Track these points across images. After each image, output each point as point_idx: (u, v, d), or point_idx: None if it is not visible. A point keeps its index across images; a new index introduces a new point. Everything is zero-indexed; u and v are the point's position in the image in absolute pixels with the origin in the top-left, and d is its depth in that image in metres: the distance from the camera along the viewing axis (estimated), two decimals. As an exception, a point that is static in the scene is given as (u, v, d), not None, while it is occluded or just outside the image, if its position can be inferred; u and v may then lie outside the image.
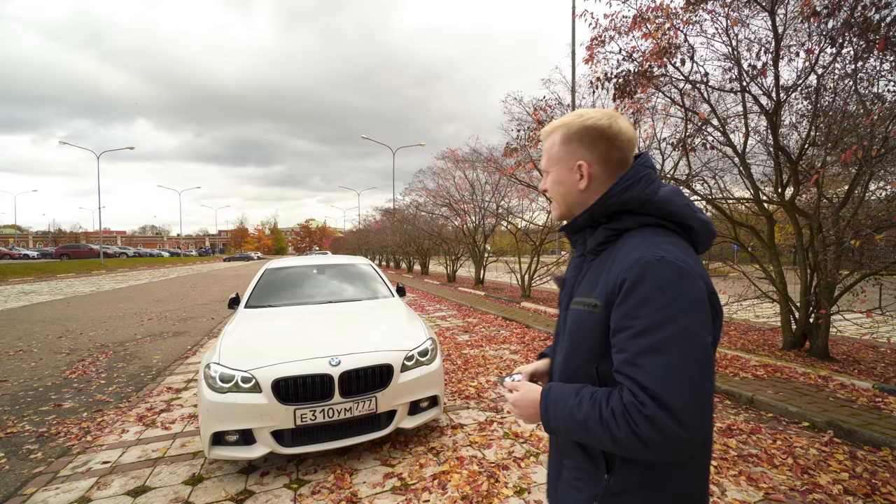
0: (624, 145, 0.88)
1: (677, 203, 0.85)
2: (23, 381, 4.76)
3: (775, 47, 3.98)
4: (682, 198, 0.87)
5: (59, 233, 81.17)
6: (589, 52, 5.05)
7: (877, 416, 3.23)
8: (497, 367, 5.04)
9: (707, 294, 0.78)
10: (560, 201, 0.95)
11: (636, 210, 0.86)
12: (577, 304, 0.90)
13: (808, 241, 4.90)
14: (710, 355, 0.75)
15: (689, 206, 0.87)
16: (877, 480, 2.47)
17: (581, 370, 0.88)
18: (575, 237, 0.97)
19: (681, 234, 0.86)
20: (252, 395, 2.60)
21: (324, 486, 2.57)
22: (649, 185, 0.85)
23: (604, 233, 0.89)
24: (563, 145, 0.91)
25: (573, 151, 0.90)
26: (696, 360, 0.72)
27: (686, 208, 0.86)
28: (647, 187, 0.85)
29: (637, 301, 0.76)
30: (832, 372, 4.25)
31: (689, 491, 0.84)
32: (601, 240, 0.89)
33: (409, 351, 3.06)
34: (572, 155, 0.90)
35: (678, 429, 0.69)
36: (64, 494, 2.53)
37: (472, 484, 2.54)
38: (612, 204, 0.87)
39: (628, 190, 0.85)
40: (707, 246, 0.90)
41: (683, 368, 0.72)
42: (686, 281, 0.76)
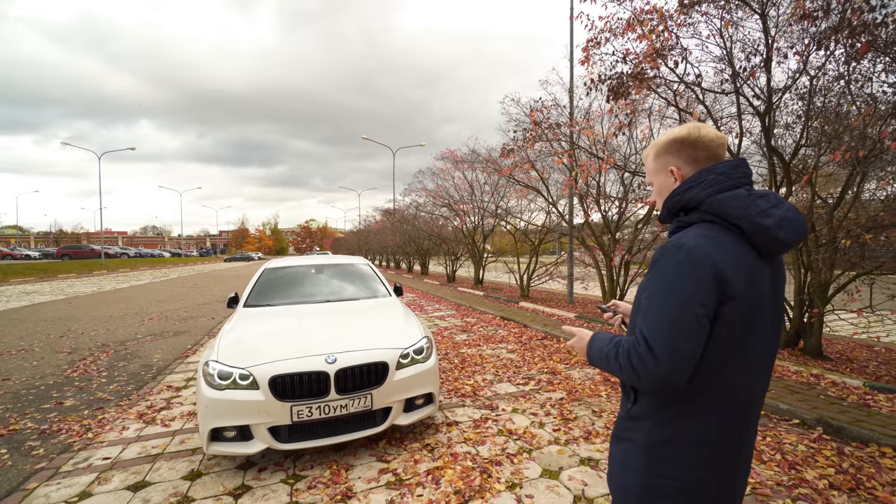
0: (709, 145, 1.07)
1: (730, 206, 0.99)
2: (25, 379, 4.82)
3: (766, 49, 4.03)
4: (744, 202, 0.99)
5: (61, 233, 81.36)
6: (585, 54, 5.09)
7: (866, 414, 3.28)
8: (494, 366, 5.09)
9: (714, 276, 0.95)
10: (661, 205, 1.15)
11: (697, 208, 1.04)
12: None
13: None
14: (699, 322, 0.94)
15: (746, 210, 0.99)
16: (862, 475, 2.51)
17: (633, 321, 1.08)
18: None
19: (734, 231, 1.00)
20: (249, 391, 2.66)
21: (320, 481, 2.62)
22: (707, 189, 1.02)
23: (675, 224, 1.11)
24: (656, 159, 1.15)
25: (665, 161, 1.13)
26: (683, 322, 0.94)
27: (739, 211, 0.99)
28: (703, 190, 1.02)
29: (654, 273, 1.01)
30: (824, 370, 4.29)
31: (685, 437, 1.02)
32: (672, 229, 1.11)
33: (404, 349, 3.12)
34: (665, 164, 1.13)
35: (656, 366, 0.94)
36: (65, 489, 2.59)
37: (465, 479, 2.59)
38: (676, 201, 1.08)
39: (688, 191, 1.05)
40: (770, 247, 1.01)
41: (671, 326, 0.94)
42: (691, 264, 0.95)
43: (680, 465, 1.02)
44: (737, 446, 1.04)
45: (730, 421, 1.01)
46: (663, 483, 1.04)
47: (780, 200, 1.02)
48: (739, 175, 1.03)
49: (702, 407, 1.01)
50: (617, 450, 1.17)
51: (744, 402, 1.02)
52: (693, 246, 0.96)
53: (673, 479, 1.03)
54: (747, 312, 0.97)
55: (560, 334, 6.50)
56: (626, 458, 1.12)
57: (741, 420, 1.03)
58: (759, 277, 1.00)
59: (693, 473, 1.02)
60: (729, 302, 0.95)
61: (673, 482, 1.03)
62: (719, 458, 1.02)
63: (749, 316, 0.98)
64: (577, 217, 9.35)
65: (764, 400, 1.11)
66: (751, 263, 0.99)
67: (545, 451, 2.95)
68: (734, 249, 0.98)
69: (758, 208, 0.98)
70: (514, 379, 4.59)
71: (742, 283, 0.96)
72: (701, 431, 1.01)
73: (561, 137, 6.22)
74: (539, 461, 2.82)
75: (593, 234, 8.28)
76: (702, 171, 1.05)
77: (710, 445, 1.01)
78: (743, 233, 0.99)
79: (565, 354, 5.49)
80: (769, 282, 1.03)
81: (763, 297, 1.01)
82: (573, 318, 7.81)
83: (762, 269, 1.01)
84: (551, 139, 6.18)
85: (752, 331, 1.00)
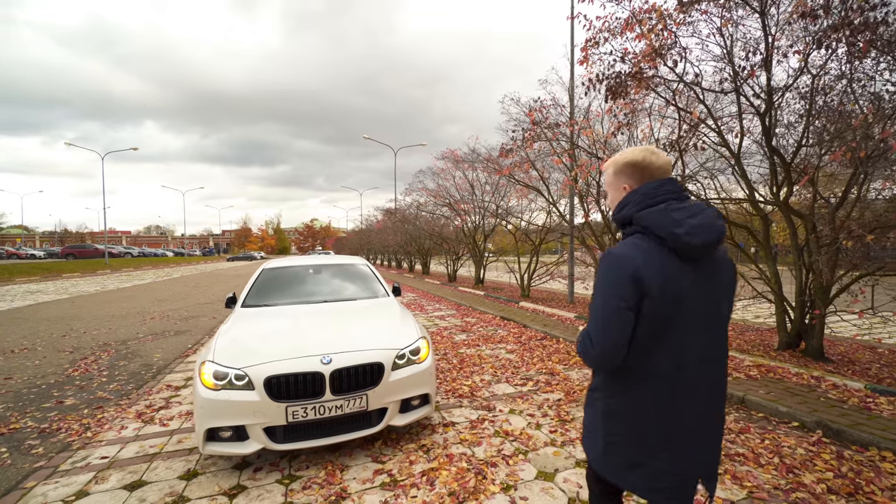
0: (655, 171, 1.28)
1: (650, 220, 1.21)
2: (27, 378, 4.86)
3: (766, 48, 3.99)
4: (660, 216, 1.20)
5: (66, 233, 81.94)
6: (584, 54, 5.07)
7: (866, 417, 3.25)
8: (492, 366, 5.08)
9: (633, 278, 1.17)
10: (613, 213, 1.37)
11: (631, 223, 1.28)
12: None
13: (803, 242, 4.90)
14: (620, 314, 1.18)
15: (662, 221, 1.20)
16: (861, 480, 2.49)
17: None
18: None
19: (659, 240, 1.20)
20: (245, 392, 2.66)
21: (315, 481, 2.63)
22: (633, 207, 1.26)
23: (624, 236, 1.31)
24: (614, 175, 1.35)
25: (620, 179, 1.33)
26: (609, 315, 1.20)
27: (657, 223, 1.20)
28: (631, 208, 1.26)
29: (598, 272, 1.26)
30: (825, 372, 4.26)
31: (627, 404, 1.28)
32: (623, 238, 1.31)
33: (400, 349, 3.11)
34: (620, 182, 1.33)
35: (593, 350, 1.23)
36: (63, 488, 2.60)
37: (460, 480, 2.58)
38: (616, 219, 1.33)
39: (623, 209, 1.29)
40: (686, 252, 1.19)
41: (602, 318, 1.21)
42: (615, 266, 1.20)
43: (626, 425, 1.28)
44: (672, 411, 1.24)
45: (660, 392, 1.23)
46: (616, 440, 1.30)
47: (697, 211, 1.21)
48: (663, 193, 1.23)
49: (636, 382, 1.25)
50: (586, 416, 1.44)
51: (672, 380, 1.22)
52: (618, 254, 1.21)
53: (622, 435, 1.29)
54: (665, 308, 1.18)
55: (560, 334, 6.48)
56: (592, 423, 1.39)
57: (672, 392, 1.23)
58: (678, 278, 1.18)
59: (637, 431, 1.27)
60: (646, 299, 1.17)
61: (623, 438, 1.29)
62: (657, 419, 1.24)
63: (668, 311, 1.18)
64: (578, 217, 9.33)
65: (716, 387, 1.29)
66: (670, 266, 1.18)
67: (541, 453, 2.94)
68: (657, 255, 1.18)
69: (672, 220, 1.18)
70: (512, 379, 4.58)
71: (657, 283, 1.16)
72: (638, 400, 1.26)
73: (560, 137, 6.20)
74: (535, 463, 2.81)
75: (593, 234, 8.25)
76: (630, 193, 1.28)
77: (646, 410, 1.25)
78: (664, 241, 1.19)
79: (564, 355, 5.48)
80: (692, 281, 1.20)
81: (684, 295, 1.19)
82: (573, 319, 7.79)
83: (684, 271, 1.19)
84: (550, 139, 6.16)
85: (673, 324, 1.19)
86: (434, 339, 6.62)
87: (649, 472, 1.26)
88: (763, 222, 5.25)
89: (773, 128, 4.59)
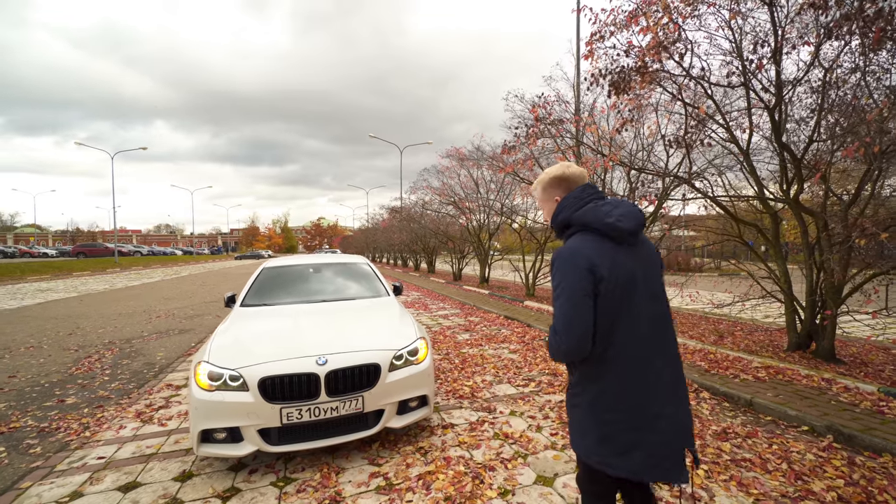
0: (575, 180, 1.53)
1: (585, 217, 1.43)
2: (30, 376, 4.89)
3: (775, 40, 3.86)
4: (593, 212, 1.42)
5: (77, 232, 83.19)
6: (589, 48, 4.97)
7: (879, 421, 3.13)
8: (494, 366, 5.02)
9: (587, 267, 1.34)
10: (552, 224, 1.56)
11: (570, 224, 1.48)
12: None
13: (814, 240, 4.77)
14: (584, 303, 1.33)
15: (595, 215, 1.42)
16: (873, 488, 2.39)
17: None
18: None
19: (595, 232, 1.41)
20: (239, 393, 2.63)
21: (309, 484, 2.59)
22: (567, 210, 1.48)
23: (564, 237, 1.52)
24: (543, 191, 1.58)
25: (550, 193, 1.57)
26: (571, 304, 1.33)
27: (592, 218, 1.42)
28: (566, 212, 1.48)
29: (552, 274, 1.41)
30: (836, 374, 4.13)
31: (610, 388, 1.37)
32: (564, 241, 1.51)
33: (397, 350, 3.06)
34: (551, 195, 1.57)
35: (560, 343, 1.35)
36: (58, 489, 2.59)
37: (457, 485, 2.53)
38: (557, 223, 1.53)
39: (559, 215, 1.51)
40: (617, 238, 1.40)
41: (563, 309, 1.35)
42: (569, 260, 1.37)
43: (616, 409, 1.37)
44: (647, 382, 1.37)
45: (634, 368, 1.36)
46: (610, 425, 1.37)
47: (618, 203, 1.43)
48: (588, 195, 1.47)
49: (609, 365, 1.37)
50: (572, 417, 1.49)
51: (638, 352, 1.36)
52: (571, 249, 1.39)
53: (614, 419, 1.37)
54: (618, 288, 1.35)
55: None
56: (580, 420, 1.45)
57: (642, 365, 1.37)
58: (620, 258, 1.38)
59: (625, 410, 1.36)
60: (602, 282, 1.34)
61: (616, 421, 1.36)
62: (639, 394, 1.36)
63: (619, 286, 1.35)
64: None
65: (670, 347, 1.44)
66: (611, 250, 1.38)
67: (541, 457, 2.88)
68: (599, 245, 1.38)
69: (603, 213, 1.40)
70: (514, 380, 4.52)
71: (607, 266, 1.34)
72: (616, 381, 1.36)
73: (564, 134, 6.10)
74: (534, 467, 2.75)
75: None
76: (563, 200, 1.50)
77: (627, 389, 1.36)
78: (600, 232, 1.40)
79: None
80: (631, 258, 1.40)
81: (627, 270, 1.37)
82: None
83: (621, 252, 1.39)
84: (554, 136, 6.06)
85: (626, 296, 1.36)
86: (437, 339, 6.57)
87: (647, 448, 1.35)
88: (773, 220, 5.12)
89: (784, 123, 4.45)
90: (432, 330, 7.34)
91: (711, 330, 6.71)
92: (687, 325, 7.16)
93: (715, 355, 4.95)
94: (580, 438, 1.45)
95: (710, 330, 6.72)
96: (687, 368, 4.52)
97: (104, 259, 34.67)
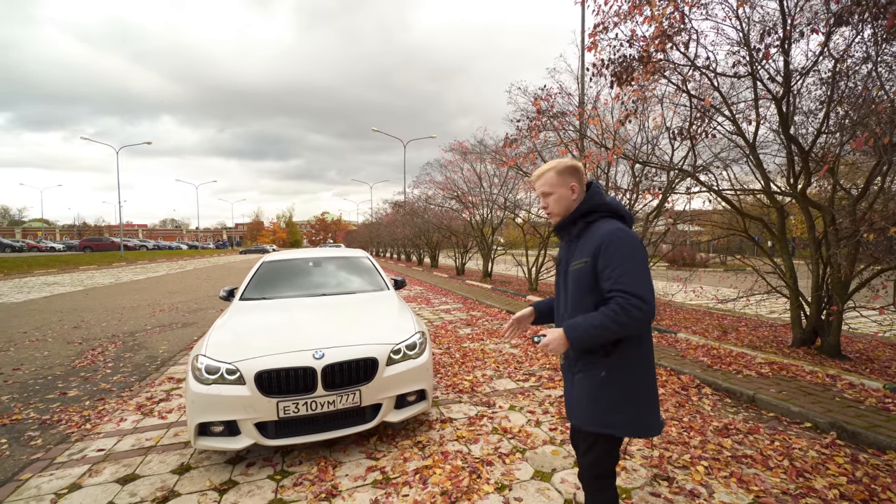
0: (584, 176, 1.68)
1: (614, 205, 1.62)
2: (34, 369, 4.94)
3: (783, 28, 3.76)
4: (616, 201, 1.65)
5: (84, 226, 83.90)
6: (592, 40, 4.88)
7: (884, 418, 3.08)
8: (495, 361, 5.00)
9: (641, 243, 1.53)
10: (561, 211, 1.64)
11: (597, 209, 1.60)
12: (574, 266, 1.58)
13: (821, 235, 4.68)
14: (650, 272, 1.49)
15: (620, 204, 1.65)
16: (876, 486, 2.35)
17: (583, 301, 1.55)
18: (564, 231, 1.68)
19: (622, 220, 1.61)
20: (236, 387, 2.63)
21: (306, 478, 2.59)
22: (601, 196, 1.62)
23: (582, 224, 1.61)
24: (559, 175, 1.62)
25: (566, 179, 1.62)
26: (646, 274, 1.46)
27: (619, 206, 1.64)
28: (601, 197, 1.62)
29: (613, 251, 1.46)
30: (841, 371, 4.07)
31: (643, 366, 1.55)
32: (582, 228, 1.61)
33: (395, 344, 3.05)
34: (567, 181, 1.62)
35: (646, 307, 1.40)
36: (57, 481, 2.61)
37: (454, 479, 2.51)
38: (588, 207, 1.61)
39: (594, 199, 1.61)
40: (631, 224, 1.65)
41: (643, 278, 1.44)
42: (634, 238, 1.51)
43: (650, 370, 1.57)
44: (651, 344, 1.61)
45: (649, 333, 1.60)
46: (650, 389, 1.56)
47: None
48: (603, 188, 1.68)
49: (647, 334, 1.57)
50: (607, 396, 1.53)
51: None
52: (623, 229, 1.53)
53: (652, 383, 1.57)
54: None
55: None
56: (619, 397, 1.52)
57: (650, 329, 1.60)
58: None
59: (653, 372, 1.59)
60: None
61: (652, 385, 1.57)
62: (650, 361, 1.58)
63: None
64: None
65: None
66: None
67: (539, 452, 2.86)
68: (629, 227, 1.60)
69: (619, 202, 1.65)
70: (514, 375, 4.50)
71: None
72: (650, 346, 1.58)
73: (566, 126, 6.01)
74: (532, 462, 2.73)
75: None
76: (592, 186, 1.65)
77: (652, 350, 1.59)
78: (623, 219, 1.61)
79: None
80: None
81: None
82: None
83: None
84: (556, 128, 5.98)
85: None
86: (438, 333, 6.56)
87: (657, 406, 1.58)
88: (779, 214, 5.03)
89: (791, 115, 4.35)
90: (434, 324, 7.33)
91: (716, 325, 6.65)
92: (691, 321, 7.09)
93: (718, 351, 4.90)
94: (616, 415, 1.52)
95: (715, 325, 6.66)
96: (689, 364, 4.48)
97: (110, 253, 34.98)
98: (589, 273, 1.50)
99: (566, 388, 1.73)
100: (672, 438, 2.97)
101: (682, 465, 2.64)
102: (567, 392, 1.72)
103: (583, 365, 1.57)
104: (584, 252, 1.54)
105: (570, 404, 1.69)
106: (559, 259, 1.73)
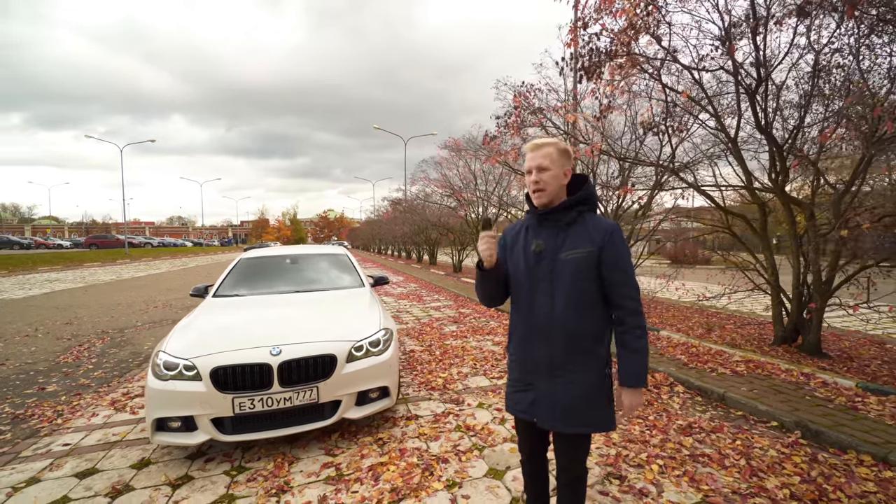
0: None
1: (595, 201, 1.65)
2: (19, 364, 5.01)
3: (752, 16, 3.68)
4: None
5: (93, 223, 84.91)
6: (571, 36, 4.84)
7: (851, 418, 3.05)
8: (474, 358, 4.99)
9: None
10: (551, 191, 1.55)
11: (588, 201, 1.59)
12: (570, 255, 1.52)
13: (802, 231, 4.62)
14: None
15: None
16: (829, 486, 2.32)
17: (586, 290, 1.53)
18: (554, 217, 1.57)
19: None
20: (192, 382, 2.65)
21: (261, 473, 2.60)
22: (594, 190, 1.63)
23: (575, 213, 1.57)
24: (560, 156, 1.55)
25: (564, 162, 1.57)
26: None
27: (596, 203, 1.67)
28: (594, 191, 1.63)
29: (618, 247, 1.52)
30: (817, 369, 4.02)
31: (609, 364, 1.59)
32: (575, 216, 1.56)
33: (357, 341, 3.05)
34: (564, 164, 1.56)
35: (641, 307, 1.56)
36: (17, 475, 2.65)
37: (406, 476, 2.52)
38: (585, 195, 1.58)
39: (590, 190, 1.60)
40: None
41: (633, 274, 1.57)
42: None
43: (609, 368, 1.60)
44: None
45: None
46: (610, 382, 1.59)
47: None
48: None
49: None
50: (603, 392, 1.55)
51: None
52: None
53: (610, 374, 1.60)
54: None
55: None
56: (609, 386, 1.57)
57: None
58: None
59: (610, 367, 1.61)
60: None
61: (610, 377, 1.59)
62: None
63: None
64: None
65: None
66: None
67: (497, 450, 2.85)
68: None
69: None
70: (490, 372, 4.49)
71: None
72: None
73: (545, 122, 5.97)
74: (488, 459, 2.73)
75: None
76: (588, 181, 1.62)
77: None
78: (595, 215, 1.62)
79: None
80: None
81: None
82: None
83: None
84: (534, 124, 5.94)
85: None
86: (423, 331, 6.57)
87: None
88: (760, 210, 4.97)
89: (765, 109, 4.28)
90: (421, 321, 7.34)
91: (703, 323, 6.59)
92: (679, 318, 7.04)
93: (697, 349, 4.86)
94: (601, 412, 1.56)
95: (701, 323, 6.60)
96: (666, 362, 4.45)
97: (115, 250, 35.35)
98: (593, 263, 1.49)
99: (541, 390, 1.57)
100: (633, 437, 2.96)
101: (636, 463, 2.62)
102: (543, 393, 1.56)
103: (578, 366, 1.53)
104: (582, 241, 1.50)
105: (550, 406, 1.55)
106: (542, 247, 1.56)
